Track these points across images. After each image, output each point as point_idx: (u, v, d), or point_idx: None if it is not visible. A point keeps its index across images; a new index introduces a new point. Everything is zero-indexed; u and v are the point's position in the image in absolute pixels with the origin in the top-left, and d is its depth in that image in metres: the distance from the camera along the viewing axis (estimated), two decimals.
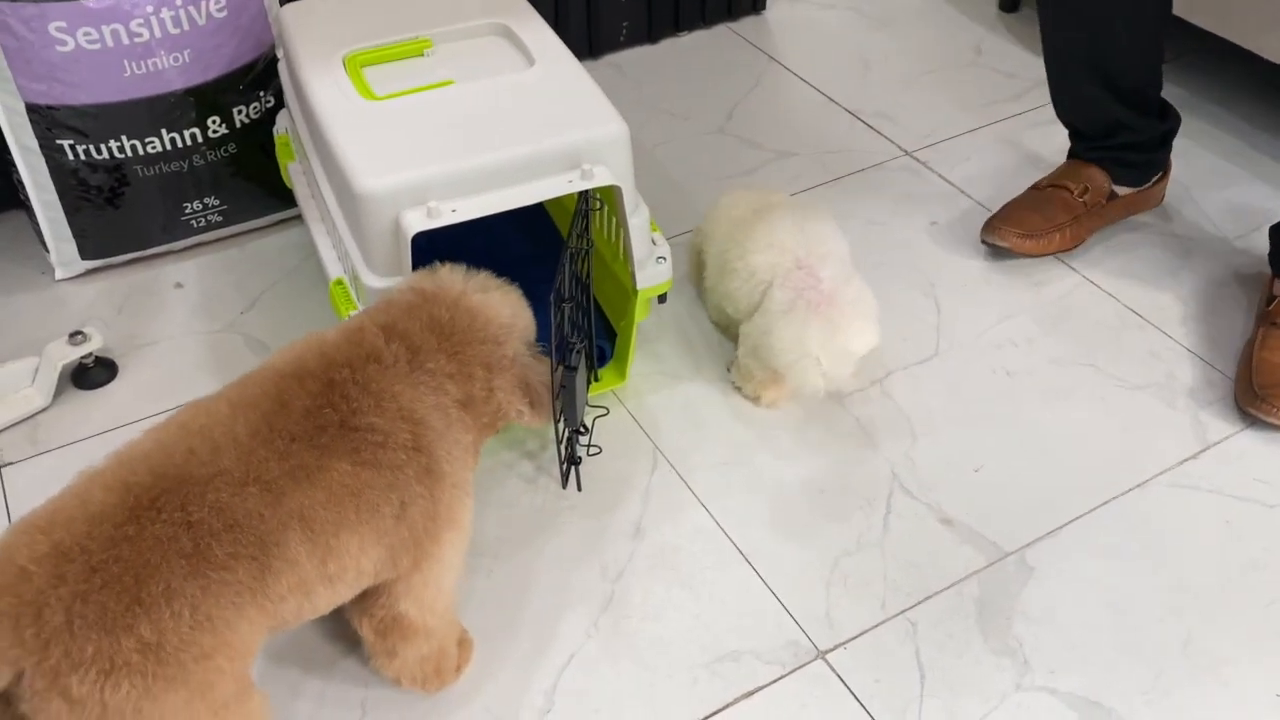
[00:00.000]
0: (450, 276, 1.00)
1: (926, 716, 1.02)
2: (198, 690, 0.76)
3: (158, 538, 0.77)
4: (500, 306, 0.99)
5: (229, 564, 0.79)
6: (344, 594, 0.89)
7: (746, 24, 2.06)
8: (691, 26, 2.03)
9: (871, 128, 1.79)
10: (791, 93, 1.88)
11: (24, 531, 0.77)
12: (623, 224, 1.20)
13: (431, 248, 1.40)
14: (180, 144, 1.42)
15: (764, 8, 2.09)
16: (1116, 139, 1.48)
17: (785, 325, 1.21)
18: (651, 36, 1.99)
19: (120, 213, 1.44)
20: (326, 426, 0.86)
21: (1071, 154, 1.55)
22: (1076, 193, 1.49)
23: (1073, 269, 1.51)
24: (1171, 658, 1.06)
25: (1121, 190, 1.52)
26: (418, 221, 1.06)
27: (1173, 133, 1.51)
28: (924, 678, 1.05)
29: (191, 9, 1.33)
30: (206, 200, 1.49)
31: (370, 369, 0.90)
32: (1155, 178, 1.54)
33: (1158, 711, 1.02)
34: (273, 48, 1.45)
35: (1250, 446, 1.27)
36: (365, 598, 0.94)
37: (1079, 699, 1.03)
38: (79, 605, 0.72)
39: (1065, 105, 1.50)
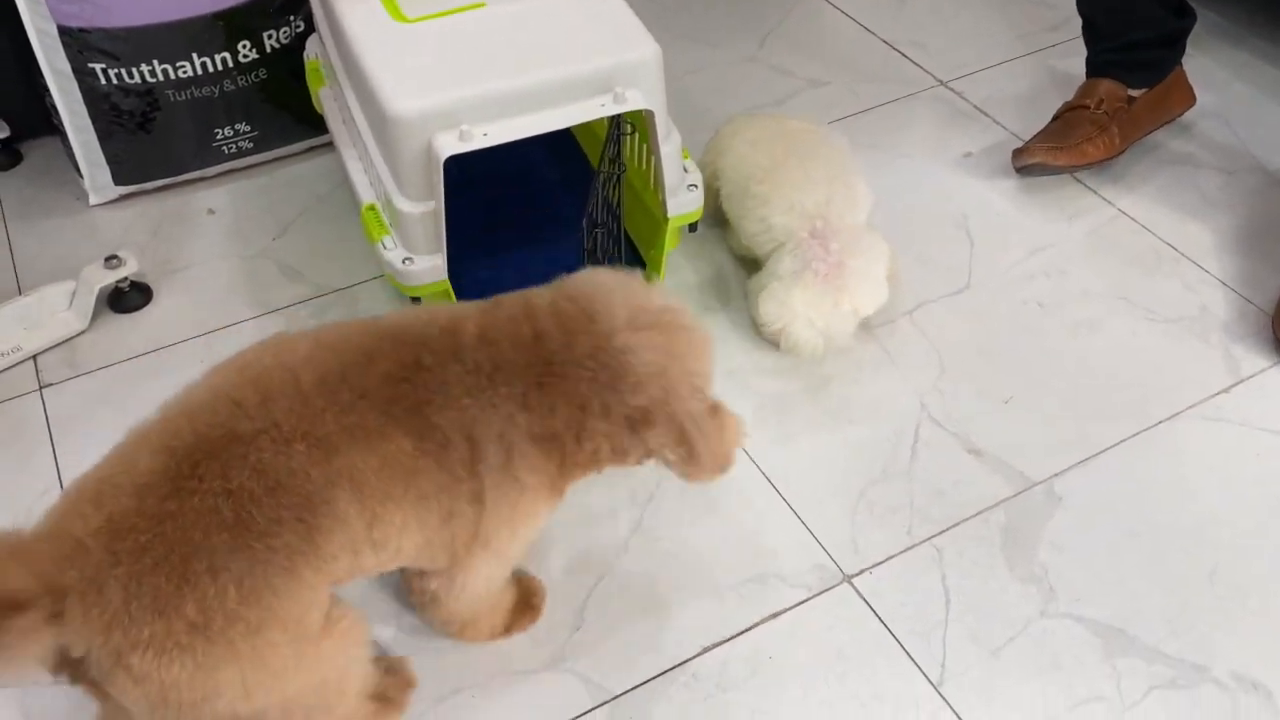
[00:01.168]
0: (620, 293, 0.88)
1: (951, 640, 1.03)
2: (250, 663, 0.76)
3: (198, 510, 0.75)
4: (649, 350, 0.85)
5: (273, 530, 0.76)
6: (387, 564, 0.86)
7: None
8: None
9: (906, 57, 1.76)
10: (824, 21, 1.85)
11: (76, 503, 0.76)
12: (654, 150, 1.19)
13: (463, 173, 1.40)
14: (211, 68, 1.41)
15: None
16: (1131, 34, 1.47)
17: (769, 297, 1.23)
18: None
19: (152, 138, 1.44)
20: (400, 400, 0.81)
21: (1087, 74, 1.54)
22: (1094, 106, 1.49)
23: (1108, 201, 1.50)
24: (1197, 589, 1.07)
25: (1136, 93, 1.50)
26: (450, 145, 1.06)
27: (1186, 32, 1.49)
28: (949, 603, 1.06)
29: None
30: (238, 126, 1.49)
31: (452, 369, 0.83)
32: (1168, 77, 1.52)
33: (1183, 642, 1.03)
34: None
35: None
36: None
37: (1103, 627, 1.04)
38: (134, 586, 0.72)
39: None
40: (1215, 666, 1.01)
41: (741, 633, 1.04)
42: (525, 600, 1.04)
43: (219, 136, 1.49)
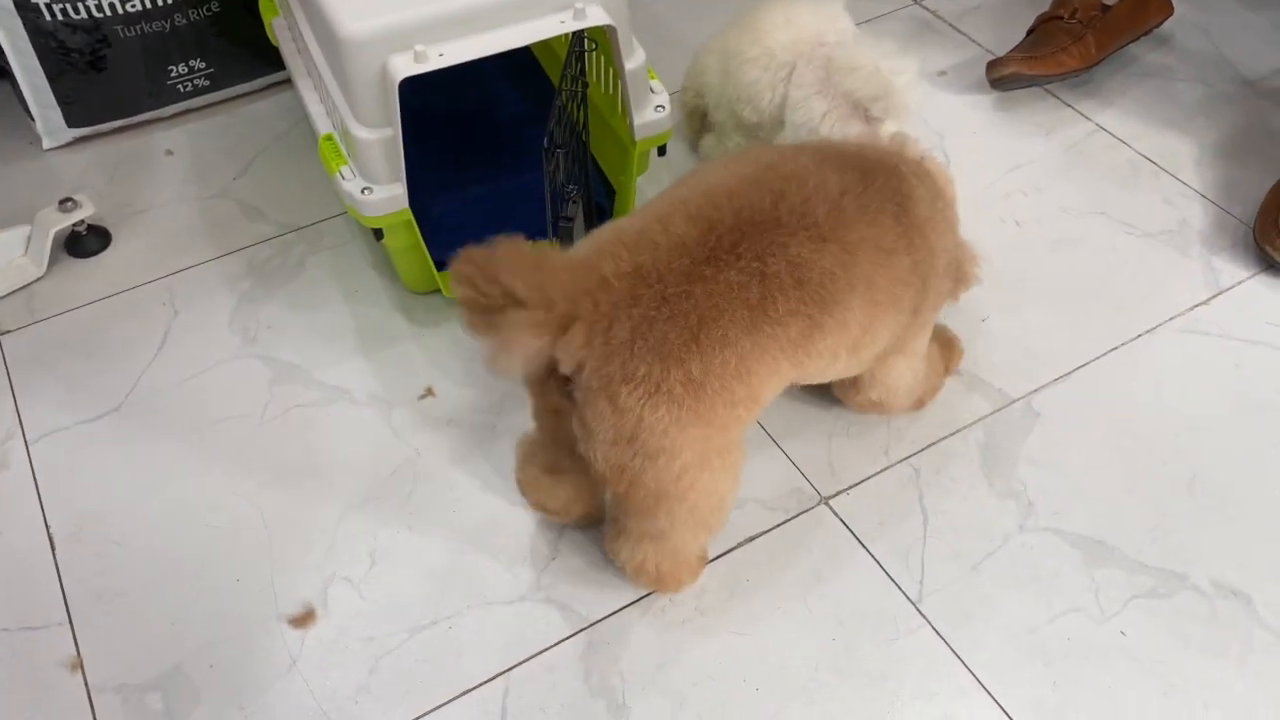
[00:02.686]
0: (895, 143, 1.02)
1: (929, 557, 1.02)
2: (717, 429, 0.83)
3: (730, 284, 0.81)
4: (946, 178, 1.02)
5: (785, 320, 0.83)
6: (850, 369, 0.96)
7: None
8: None
9: None
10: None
11: (612, 244, 0.82)
12: (619, 69, 1.16)
13: (424, 107, 1.36)
14: (160, 1, 1.37)
15: None
16: None
17: (855, 62, 1.10)
18: None
19: (104, 76, 1.40)
20: (903, 218, 0.90)
21: None
22: (1068, 16, 1.46)
23: (1085, 116, 1.47)
24: (1177, 497, 1.06)
25: (1112, 2, 1.48)
26: (405, 66, 1.02)
27: None
28: (927, 521, 1.05)
29: None
30: (192, 63, 1.44)
31: (919, 192, 0.93)
32: None
33: (1162, 549, 1.02)
34: None
35: (1262, 291, 1.25)
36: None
37: (1083, 538, 1.03)
38: (644, 328, 0.79)
39: None
40: (1194, 574, 1.01)
41: (719, 556, 1.03)
42: (947, 345, 1.13)
43: (174, 74, 1.44)
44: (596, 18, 1.08)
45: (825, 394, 1.15)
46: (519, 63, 1.48)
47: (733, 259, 0.81)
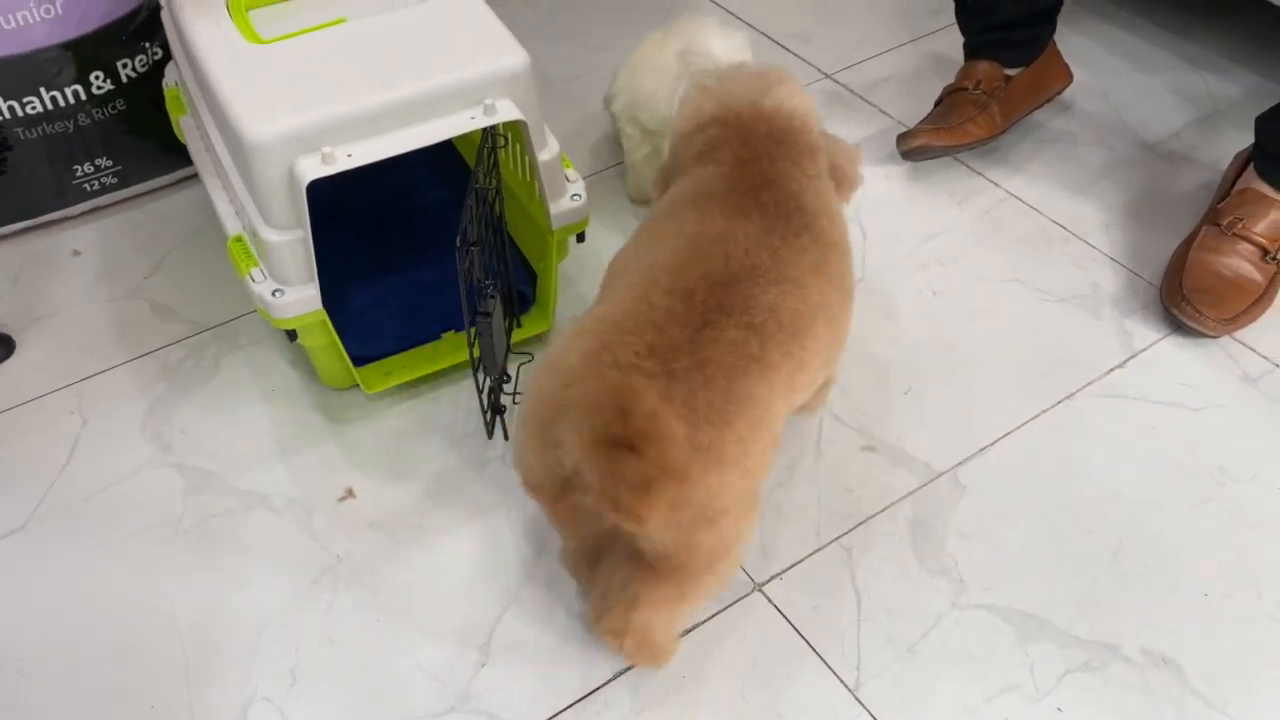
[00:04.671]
0: (732, 81, 1.02)
1: (865, 641, 1.01)
2: (756, 479, 0.86)
3: (733, 341, 0.83)
4: (793, 98, 1.01)
5: (780, 364, 0.86)
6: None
7: None
8: None
9: (789, 50, 1.76)
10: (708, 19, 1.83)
11: (612, 334, 0.83)
12: (532, 161, 1.16)
13: (338, 195, 1.35)
14: (62, 102, 1.34)
15: None
16: (1002, 11, 1.48)
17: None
18: None
19: (5, 179, 1.36)
20: (805, 227, 0.92)
21: (965, 56, 1.56)
22: (973, 87, 1.51)
23: (994, 183, 1.50)
24: (1103, 566, 1.07)
25: (1013, 72, 1.52)
26: (312, 169, 1.01)
27: (1055, 9, 1.51)
28: (860, 603, 1.04)
29: None
30: (98, 161, 1.41)
31: (798, 184, 0.96)
32: (1043, 55, 1.54)
33: (1092, 621, 1.03)
34: None
35: (1173, 352, 1.27)
36: None
37: (1015, 613, 1.03)
38: (691, 400, 0.80)
39: None
40: (1125, 644, 1.01)
41: None
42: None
43: (79, 173, 1.41)
44: (507, 113, 1.08)
45: None
46: (435, 149, 1.47)
47: (724, 318, 0.84)
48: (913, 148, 1.47)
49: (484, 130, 1.09)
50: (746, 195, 0.94)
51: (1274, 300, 1.30)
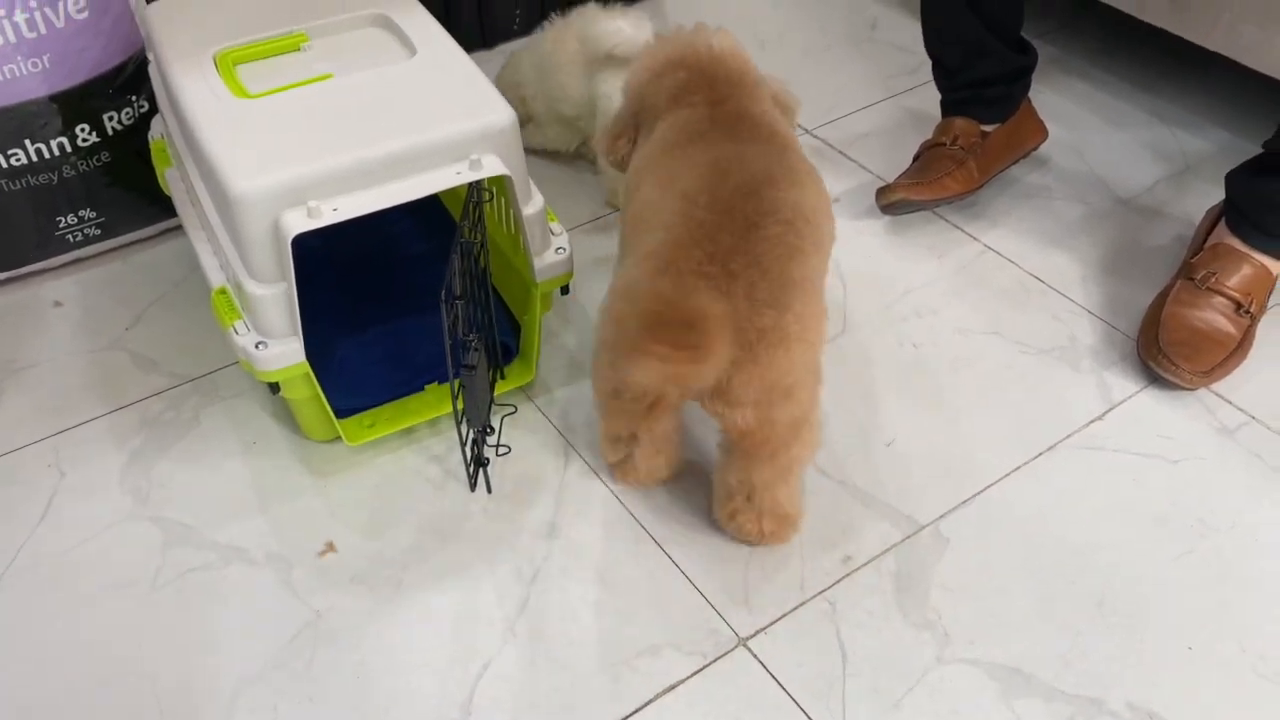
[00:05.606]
0: (682, 33, 1.17)
1: (850, 697, 1.01)
2: (818, 349, 1.00)
3: (775, 236, 0.96)
4: (731, 44, 1.15)
5: (811, 251, 0.99)
6: None
7: (644, 7, 2.03)
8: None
9: None
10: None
11: (678, 250, 0.96)
12: (517, 215, 1.16)
13: (325, 248, 1.35)
14: (47, 154, 1.34)
15: None
16: (977, 70, 1.51)
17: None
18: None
19: None
20: (784, 146, 1.08)
21: (942, 113, 1.59)
22: (950, 143, 1.53)
23: (973, 237, 1.52)
24: (1088, 618, 1.07)
25: (989, 129, 1.55)
26: (298, 223, 1.02)
27: (1029, 68, 1.54)
28: (846, 658, 1.04)
29: (48, 10, 1.25)
30: (82, 213, 1.41)
31: (761, 111, 1.12)
32: (1018, 112, 1.57)
33: (1077, 674, 1.03)
34: (143, 49, 1.38)
35: (1152, 404, 1.29)
36: None
37: (999, 667, 1.03)
38: (752, 293, 0.93)
39: (935, 32, 1.53)
40: (1110, 698, 1.01)
41: (637, 710, 1.00)
42: None
43: (62, 225, 1.41)
44: (493, 168, 1.09)
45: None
46: (420, 200, 1.48)
47: (763, 219, 0.97)
48: (892, 202, 1.49)
49: (469, 185, 1.10)
50: (732, 128, 1.08)
51: (1248, 353, 1.32)
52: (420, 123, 1.09)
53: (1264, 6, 1.51)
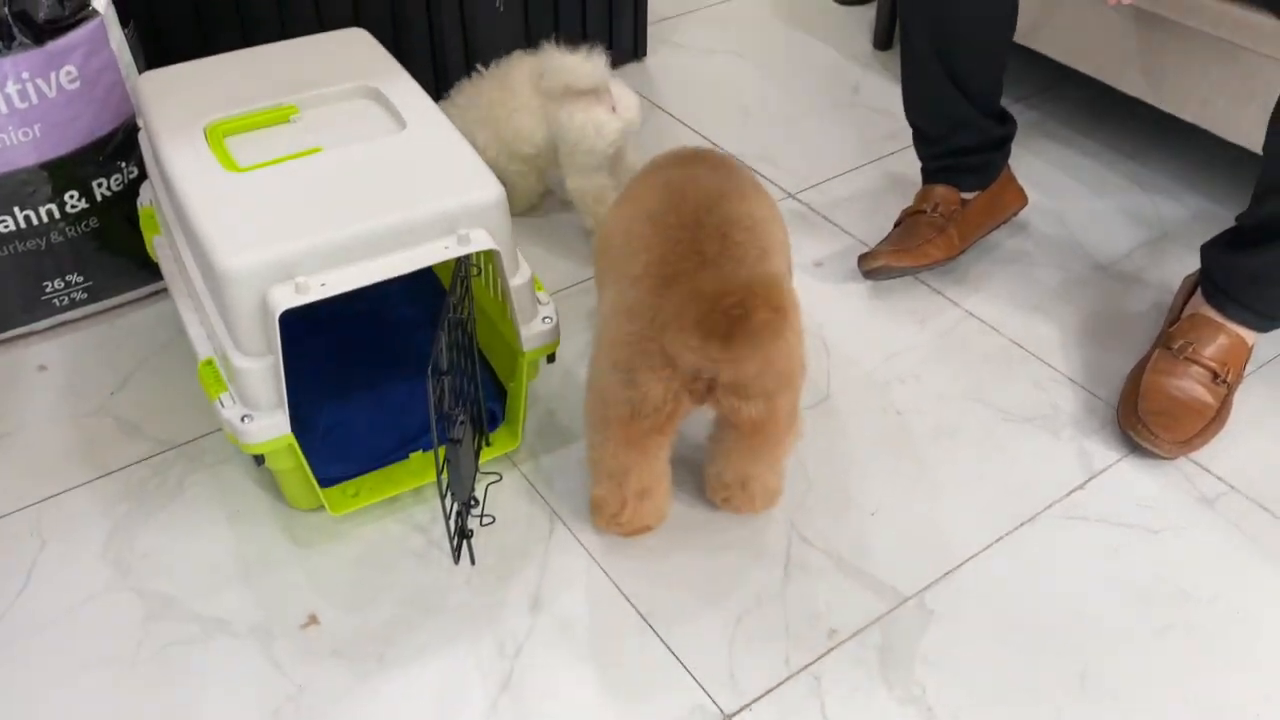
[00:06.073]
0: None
1: None
2: (801, 338, 1.08)
3: (745, 241, 1.05)
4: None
5: (775, 251, 1.09)
6: None
7: (628, 71, 2.06)
8: None
9: (755, 170, 1.81)
10: (672, 138, 1.89)
11: (659, 268, 1.03)
12: (505, 287, 1.17)
13: (310, 310, 1.35)
14: (36, 221, 1.35)
15: (644, 54, 2.09)
16: (957, 139, 1.54)
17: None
18: None
19: None
20: (719, 164, 1.18)
21: (923, 180, 1.61)
22: (931, 210, 1.55)
23: (954, 303, 1.54)
24: (1069, 693, 1.07)
25: (969, 196, 1.57)
26: (285, 298, 1.02)
27: (1008, 138, 1.57)
28: None
29: (40, 82, 1.27)
30: (69, 278, 1.42)
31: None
32: (998, 180, 1.60)
33: None
34: (133, 117, 1.39)
35: (1132, 473, 1.30)
36: None
37: None
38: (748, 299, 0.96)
39: (915, 102, 1.56)
40: None
41: None
42: None
43: (49, 289, 1.41)
44: (481, 242, 1.10)
45: (722, 597, 1.14)
46: None
47: (730, 228, 1.05)
48: (874, 268, 1.51)
49: (458, 259, 1.11)
50: (677, 156, 1.21)
51: (1226, 422, 1.34)
52: (409, 197, 1.10)
53: (1236, 83, 1.55)
